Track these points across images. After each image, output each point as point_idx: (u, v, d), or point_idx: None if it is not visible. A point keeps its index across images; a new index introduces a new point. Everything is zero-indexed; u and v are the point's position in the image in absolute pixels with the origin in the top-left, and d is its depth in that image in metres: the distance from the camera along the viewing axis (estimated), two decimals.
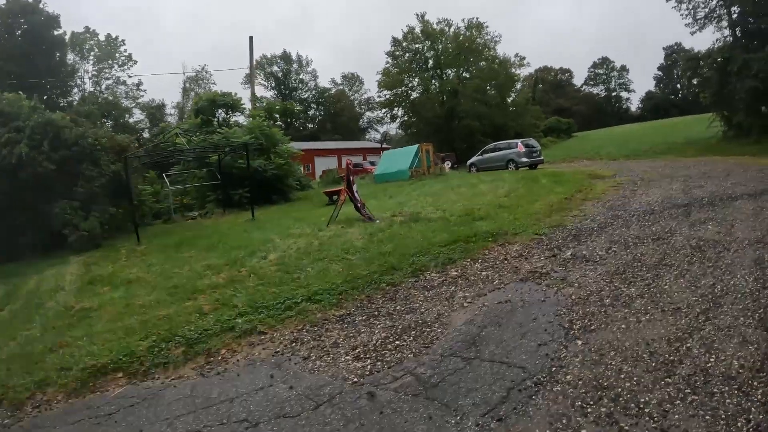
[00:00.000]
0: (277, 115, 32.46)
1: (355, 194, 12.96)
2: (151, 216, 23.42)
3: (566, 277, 6.95)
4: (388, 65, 60.66)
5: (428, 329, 5.67)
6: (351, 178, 13.05)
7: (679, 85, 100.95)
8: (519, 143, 28.49)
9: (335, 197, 14.37)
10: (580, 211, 11.38)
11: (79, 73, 63.22)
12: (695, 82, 33.94)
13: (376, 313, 6.36)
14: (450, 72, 58.46)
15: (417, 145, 29.80)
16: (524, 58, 62.59)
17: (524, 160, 27.55)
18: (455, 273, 7.53)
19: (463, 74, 58.04)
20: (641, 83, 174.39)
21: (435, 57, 58.66)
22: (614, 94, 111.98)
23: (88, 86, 64.83)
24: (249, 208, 23.53)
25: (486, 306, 6.18)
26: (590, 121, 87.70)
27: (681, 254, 7.49)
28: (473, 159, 31.48)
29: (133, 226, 19.66)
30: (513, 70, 59.29)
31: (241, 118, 32.25)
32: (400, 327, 5.82)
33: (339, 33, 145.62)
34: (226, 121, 31.42)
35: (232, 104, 31.49)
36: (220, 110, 31.43)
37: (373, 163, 46.70)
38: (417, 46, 59.28)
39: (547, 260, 7.83)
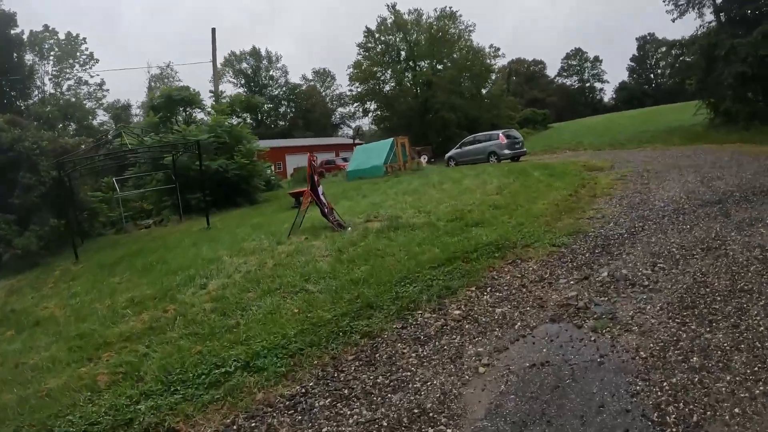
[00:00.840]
0: (239, 110, 29.92)
1: (321, 197, 10.75)
2: (105, 225, 21.11)
3: (615, 314, 4.91)
4: (359, 57, 58.48)
5: (431, 428, 3.52)
6: (315, 177, 10.80)
7: (652, 75, 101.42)
8: (500, 134, 26.59)
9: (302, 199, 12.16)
10: (596, 212, 9.35)
11: (39, 74, 59.55)
12: (676, 69, 32.48)
13: (345, 391, 4.13)
14: (423, 64, 56.47)
15: (392, 139, 27.69)
16: (498, 48, 61.19)
17: (506, 152, 25.76)
18: (458, 312, 5.36)
19: (437, 66, 56.09)
20: (614, 74, 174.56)
21: (408, 48, 56.60)
22: (588, 84, 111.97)
23: (49, 87, 61.22)
24: (209, 213, 21.40)
25: (514, 373, 4.06)
26: (564, 112, 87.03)
27: (753, 272, 5.58)
28: (451, 152, 29.64)
29: (77, 240, 17.51)
30: (488, 61, 57.62)
31: (206, 116, 30.01)
32: (384, 423, 3.62)
33: (310, 28, 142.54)
34: (189, 118, 29.07)
35: (190, 100, 29.05)
36: (179, 107, 29.05)
37: (345, 160, 44.63)
38: (390, 37, 57.08)
39: (580, 285, 5.76)
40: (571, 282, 5.88)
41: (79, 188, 20.10)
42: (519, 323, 4.98)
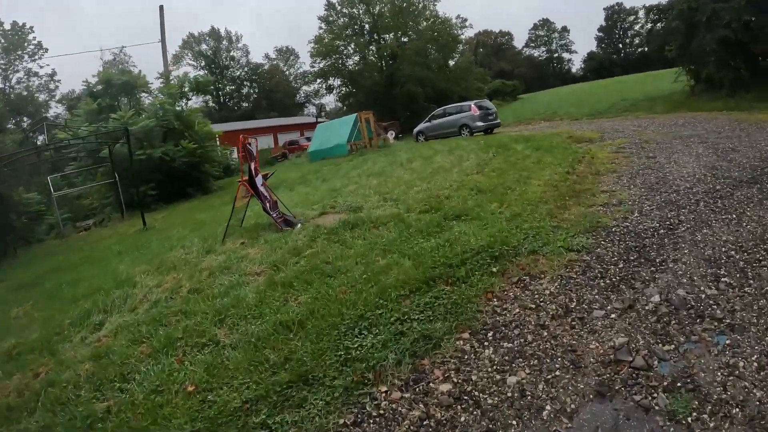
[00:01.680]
0: (190, 92, 27.36)
1: (260, 189, 8.56)
2: (54, 227, 18.78)
3: (696, 380, 3.03)
4: (321, 31, 55.63)
5: None
6: (252, 165, 8.59)
7: (621, 45, 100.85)
8: (472, 105, 24.56)
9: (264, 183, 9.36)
10: (609, 195, 7.39)
11: None
12: (653, 35, 30.95)
13: None
14: (388, 36, 53.93)
15: (355, 115, 25.55)
16: (466, 19, 59.04)
17: (479, 124, 23.78)
18: (446, 388, 3.31)
19: (402, 38, 53.60)
20: (583, 44, 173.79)
21: (371, 20, 53.98)
22: (556, 55, 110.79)
23: None
24: (157, 208, 19.39)
25: None
26: (532, 83, 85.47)
27: None
28: (420, 126, 27.54)
29: (10, 249, 15.34)
30: (455, 31, 55.40)
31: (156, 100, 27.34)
32: None
33: (270, 4, 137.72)
34: (136, 103, 26.39)
35: (133, 83, 26.34)
36: (121, 92, 26.32)
37: (310, 140, 42.42)
38: (352, 10, 54.33)
39: (625, 321, 3.81)
40: (612, 316, 3.92)
41: (13, 190, 17.85)
42: (548, 406, 3.00)
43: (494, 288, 4.57)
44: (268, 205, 8.45)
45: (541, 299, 4.33)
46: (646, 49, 79.27)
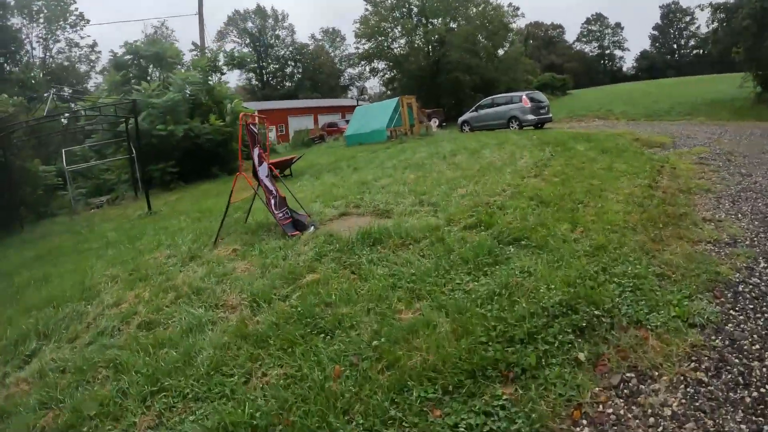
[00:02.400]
0: (226, 66, 26.07)
1: (264, 181, 7.00)
2: (67, 203, 17.83)
3: None
4: (367, 12, 53.98)
5: None
6: (257, 152, 6.96)
7: (676, 45, 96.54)
8: (523, 96, 22.72)
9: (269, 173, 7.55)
10: (715, 227, 5.52)
11: (29, 39, 55.13)
12: (720, 35, 28.23)
13: None
14: (436, 21, 51.88)
15: (396, 99, 24.00)
16: (518, 8, 56.75)
17: (530, 117, 22.00)
18: None
19: (451, 24, 51.46)
20: (636, 42, 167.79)
21: (420, 4, 52.01)
22: (608, 52, 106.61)
23: (38, 52, 56.79)
24: (175, 187, 18.30)
25: None
26: (581, 79, 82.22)
27: None
28: (466, 116, 25.82)
29: (20, 224, 14.41)
30: (506, 20, 53.00)
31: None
32: None
33: None
34: (167, 76, 25.25)
35: (161, 55, 25.07)
36: (150, 64, 25.18)
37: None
38: None
39: None
40: None
41: (29, 162, 16.91)
42: None
43: (583, 396, 2.76)
44: (273, 201, 6.84)
45: (660, 428, 2.57)
46: (702, 51, 75.77)
